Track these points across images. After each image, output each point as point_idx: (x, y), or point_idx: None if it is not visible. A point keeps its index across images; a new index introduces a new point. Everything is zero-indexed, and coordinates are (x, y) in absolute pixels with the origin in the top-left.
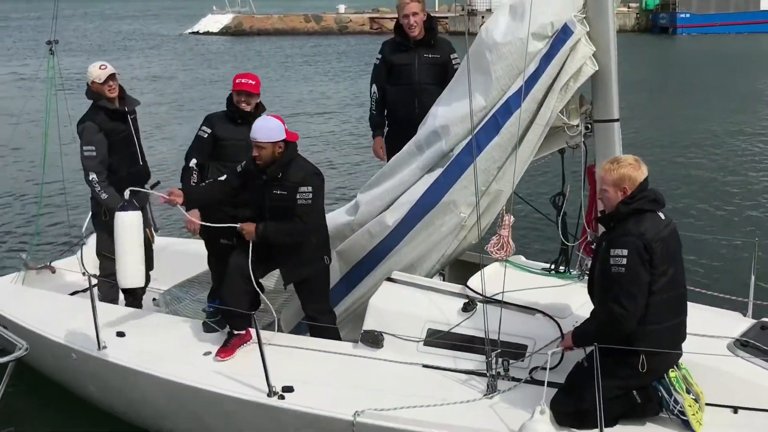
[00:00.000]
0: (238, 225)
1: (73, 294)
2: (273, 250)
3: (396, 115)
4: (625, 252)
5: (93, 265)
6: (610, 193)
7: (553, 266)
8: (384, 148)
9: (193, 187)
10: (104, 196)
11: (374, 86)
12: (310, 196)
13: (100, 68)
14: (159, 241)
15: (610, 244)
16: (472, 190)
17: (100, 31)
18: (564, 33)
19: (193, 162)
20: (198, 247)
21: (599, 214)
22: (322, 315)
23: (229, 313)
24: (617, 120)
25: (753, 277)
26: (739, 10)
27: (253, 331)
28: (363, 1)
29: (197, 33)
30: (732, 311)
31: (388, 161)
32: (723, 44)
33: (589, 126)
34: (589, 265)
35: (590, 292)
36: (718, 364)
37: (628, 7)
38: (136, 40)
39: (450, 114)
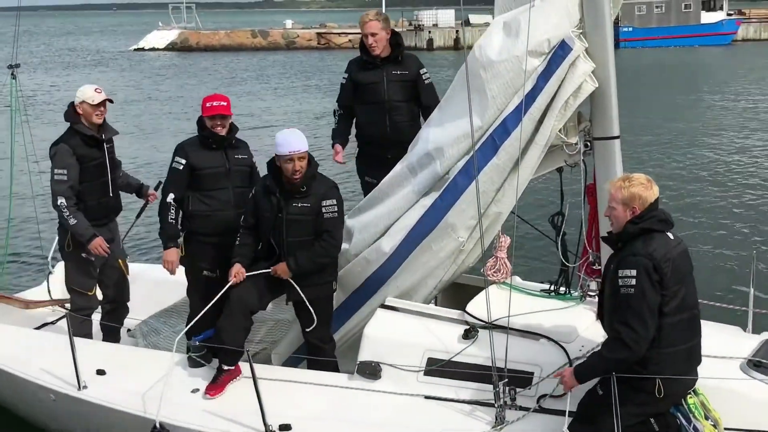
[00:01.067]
0: (269, 269)
1: (39, 328)
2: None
3: (366, 134)
4: (633, 272)
5: (61, 294)
6: (618, 211)
7: (552, 288)
8: (341, 153)
9: (244, 255)
10: (72, 221)
11: (337, 104)
12: (336, 208)
13: (95, 91)
14: (131, 268)
15: (618, 264)
16: (471, 213)
17: (43, 48)
18: (562, 49)
19: (171, 197)
20: (178, 274)
21: (606, 234)
22: (324, 343)
23: (221, 347)
24: (618, 137)
25: (752, 289)
26: (679, 24)
27: (246, 365)
28: (310, 17)
29: (143, 49)
30: (731, 326)
31: (362, 184)
32: (664, 57)
33: (588, 144)
34: (590, 286)
35: (600, 316)
36: (734, 386)
37: None
38: (81, 56)
39: (443, 135)
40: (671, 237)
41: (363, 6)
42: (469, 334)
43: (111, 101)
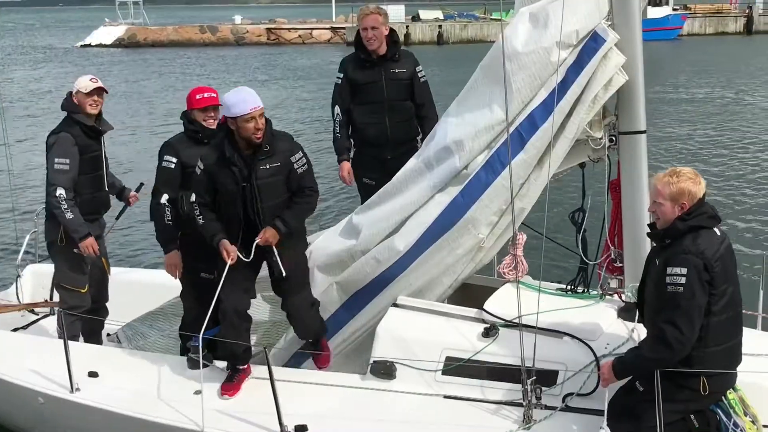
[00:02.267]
0: (258, 240)
1: (15, 330)
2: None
3: (365, 135)
4: (684, 270)
5: (30, 298)
6: (666, 207)
7: (569, 286)
8: (351, 172)
9: (221, 230)
10: (69, 215)
11: (337, 108)
12: (305, 160)
13: (90, 80)
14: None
15: (666, 261)
16: (493, 209)
17: None
18: (594, 41)
19: (165, 198)
20: (154, 277)
21: (649, 229)
22: (310, 306)
23: (230, 351)
24: (644, 132)
25: (761, 291)
26: None
27: (260, 367)
28: (260, 13)
29: (90, 45)
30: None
31: (359, 186)
32: None
33: (613, 138)
34: (610, 284)
35: (641, 313)
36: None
37: None
38: (26, 53)
39: (463, 129)
40: (718, 233)
41: (312, 2)
42: (490, 332)
43: (106, 91)
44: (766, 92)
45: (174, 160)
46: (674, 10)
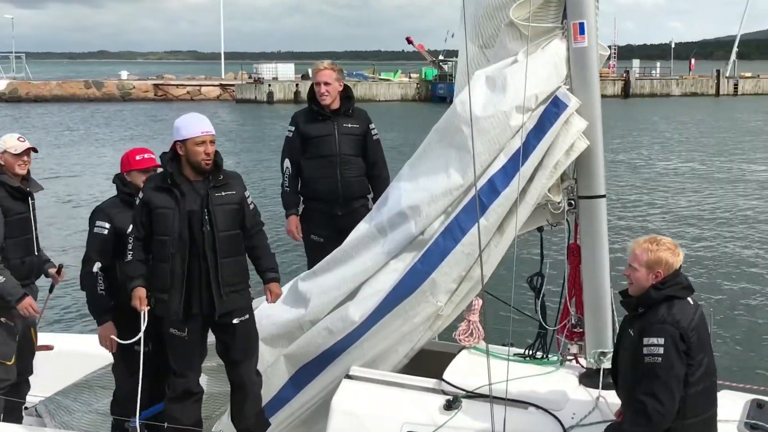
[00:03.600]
0: (268, 301)
1: None
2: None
3: (315, 189)
4: (661, 341)
5: None
6: (641, 273)
7: (528, 352)
8: (299, 227)
9: (140, 278)
10: (0, 278)
11: (287, 161)
12: (251, 199)
13: (18, 139)
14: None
15: (642, 332)
16: (453, 276)
17: None
18: (556, 106)
19: (98, 266)
20: (78, 344)
21: (621, 297)
22: (252, 379)
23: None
24: (604, 196)
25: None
26: None
27: None
28: (147, 68)
29: None
30: None
31: (305, 242)
32: None
33: (572, 202)
34: (570, 350)
35: (615, 382)
36: None
37: (409, 77)
38: None
39: (419, 193)
40: (691, 302)
41: (200, 59)
42: (452, 404)
43: (35, 150)
44: (642, 151)
45: (107, 225)
46: None
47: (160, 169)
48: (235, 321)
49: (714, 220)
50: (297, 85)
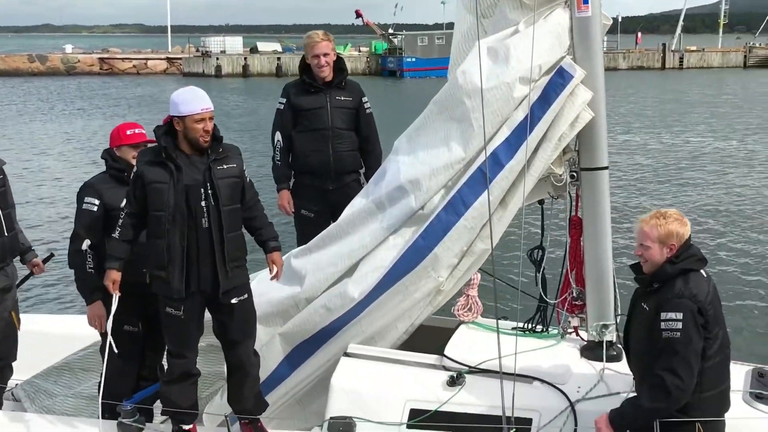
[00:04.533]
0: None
1: None
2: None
3: (306, 163)
4: (679, 315)
5: None
6: (654, 250)
7: (527, 325)
8: (291, 202)
9: (117, 260)
10: None
11: (278, 134)
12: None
13: None
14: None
15: (659, 307)
16: (455, 251)
17: None
18: (561, 77)
19: (87, 244)
20: (57, 325)
21: (635, 273)
22: (251, 359)
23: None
24: (607, 168)
25: None
26: None
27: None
28: (92, 42)
29: None
30: None
31: (296, 217)
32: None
33: (575, 175)
34: (570, 323)
35: (627, 357)
36: (752, 424)
37: (359, 51)
38: None
39: (419, 167)
40: (704, 275)
41: (147, 32)
42: (456, 380)
43: None
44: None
45: (96, 202)
46: None
47: (151, 145)
48: (233, 300)
49: (667, 192)
50: (245, 58)
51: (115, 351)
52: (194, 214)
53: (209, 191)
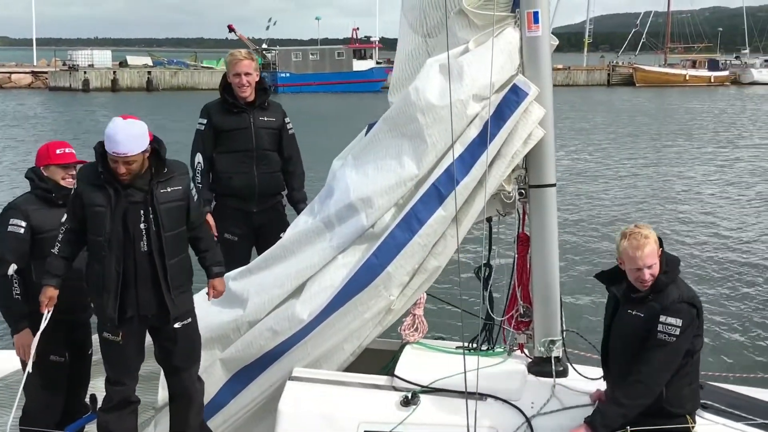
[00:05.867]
0: (211, 297)
1: None
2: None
3: (229, 185)
4: (679, 322)
5: None
6: (656, 267)
7: (471, 344)
8: (213, 225)
9: (55, 278)
10: None
11: (198, 155)
12: (193, 189)
13: None
14: None
15: (662, 311)
16: (407, 269)
17: None
18: (515, 94)
19: (13, 269)
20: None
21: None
22: (194, 384)
23: None
24: (554, 185)
25: None
26: (333, 71)
27: None
28: None
29: None
30: None
31: (229, 243)
32: (319, 102)
33: (523, 192)
34: (516, 340)
35: (606, 368)
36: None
37: None
38: None
39: (369, 184)
40: None
41: (11, 44)
42: (411, 400)
43: None
44: None
45: (23, 224)
46: (378, 63)
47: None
48: (177, 325)
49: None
50: (114, 72)
51: (30, 371)
52: (132, 238)
53: (150, 215)
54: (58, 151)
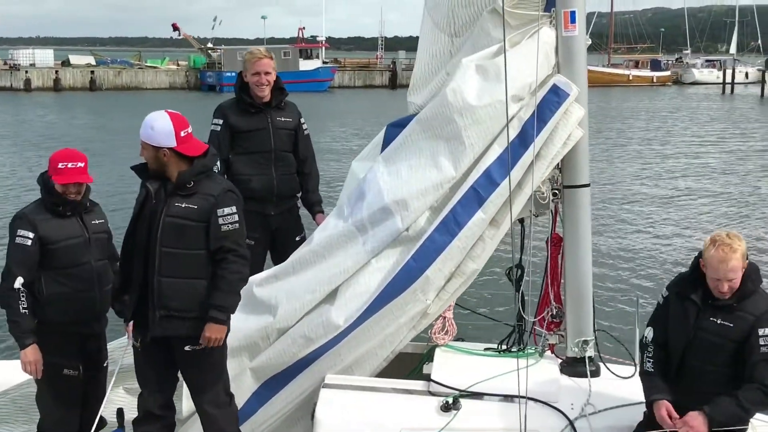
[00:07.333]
0: (201, 342)
1: None
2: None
3: (248, 188)
4: None
5: None
6: (736, 281)
7: (502, 346)
8: None
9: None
10: None
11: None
12: (237, 218)
13: None
14: None
15: (758, 322)
16: (445, 272)
17: None
18: (556, 95)
19: (20, 282)
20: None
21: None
22: (216, 410)
23: None
24: (588, 185)
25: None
26: (280, 70)
27: None
28: None
29: None
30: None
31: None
32: None
33: (557, 192)
34: (548, 340)
35: (679, 369)
36: None
37: (177, 65)
38: None
39: (404, 186)
40: None
41: None
42: (452, 405)
43: None
44: None
45: (31, 235)
46: (324, 63)
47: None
48: (186, 348)
49: None
50: (57, 71)
51: (59, 393)
52: (148, 246)
53: (156, 227)
54: (60, 165)
